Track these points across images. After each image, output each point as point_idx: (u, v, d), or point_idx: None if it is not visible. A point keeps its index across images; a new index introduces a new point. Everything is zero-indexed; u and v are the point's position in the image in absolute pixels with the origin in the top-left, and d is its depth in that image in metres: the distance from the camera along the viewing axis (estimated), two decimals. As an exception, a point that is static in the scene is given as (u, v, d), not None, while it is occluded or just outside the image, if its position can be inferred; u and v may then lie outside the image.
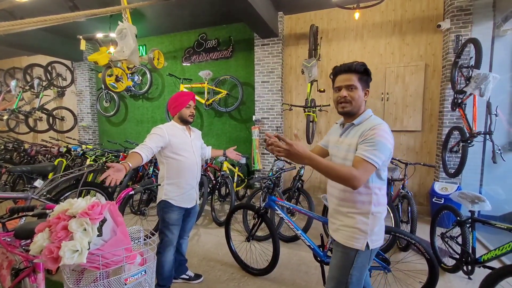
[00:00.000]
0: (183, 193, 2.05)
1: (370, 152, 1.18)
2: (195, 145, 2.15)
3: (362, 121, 1.32)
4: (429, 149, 4.10)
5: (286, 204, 2.38)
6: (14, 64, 7.31)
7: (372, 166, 1.18)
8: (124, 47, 3.34)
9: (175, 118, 2.10)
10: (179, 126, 2.09)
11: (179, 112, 2.06)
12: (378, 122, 1.27)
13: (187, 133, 2.11)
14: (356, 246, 1.30)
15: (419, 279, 2.07)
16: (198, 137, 2.25)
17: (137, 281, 1.06)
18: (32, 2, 3.53)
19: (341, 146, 1.37)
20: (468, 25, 3.54)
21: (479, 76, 2.98)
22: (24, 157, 5.47)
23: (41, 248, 0.93)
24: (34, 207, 1.35)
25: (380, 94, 4.23)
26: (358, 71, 1.30)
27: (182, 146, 2.03)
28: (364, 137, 1.23)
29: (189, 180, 2.07)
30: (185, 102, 2.05)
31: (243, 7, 3.39)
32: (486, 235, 3.05)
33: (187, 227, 2.23)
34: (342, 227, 1.35)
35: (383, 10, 4.17)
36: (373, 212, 1.29)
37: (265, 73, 4.76)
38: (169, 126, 2.03)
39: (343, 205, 1.34)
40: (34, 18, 2.39)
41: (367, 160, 1.17)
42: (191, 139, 2.12)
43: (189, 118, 2.08)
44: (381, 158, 1.19)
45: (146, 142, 1.87)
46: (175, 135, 2.01)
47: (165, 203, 2.01)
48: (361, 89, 1.31)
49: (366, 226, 1.29)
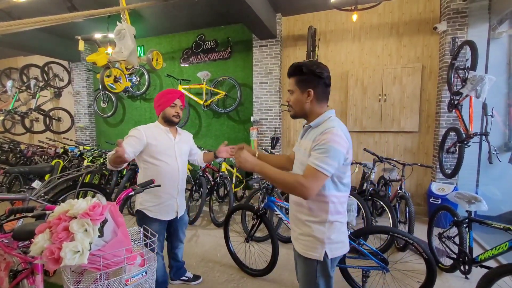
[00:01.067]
0: (160, 203, 1.85)
1: (321, 160, 1.11)
2: (179, 150, 1.92)
3: (318, 124, 1.24)
4: (426, 150, 4.14)
5: (285, 204, 2.39)
6: (10, 64, 7.25)
7: (323, 175, 1.11)
8: (123, 47, 3.33)
9: (159, 118, 1.92)
10: (162, 127, 1.89)
11: (163, 111, 1.86)
12: (331, 125, 1.17)
13: (171, 136, 1.91)
14: (314, 256, 1.23)
15: (417, 279, 2.09)
16: (185, 140, 2.03)
17: (138, 282, 1.06)
18: (29, 2, 3.51)
19: (300, 149, 1.31)
20: (464, 27, 3.59)
21: (475, 77, 3.02)
22: (20, 158, 5.42)
23: (41, 249, 0.93)
24: (33, 208, 1.34)
25: (377, 95, 4.27)
26: (294, 74, 1.25)
27: (162, 150, 1.83)
28: (316, 142, 1.16)
29: (168, 188, 1.85)
30: (171, 100, 1.85)
31: (242, 9, 3.40)
32: (483, 235, 3.09)
33: (178, 238, 2.11)
34: (301, 236, 1.29)
35: (380, 12, 4.20)
36: (330, 220, 1.22)
37: (264, 74, 4.77)
38: (149, 127, 1.85)
39: (300, 211, 1.28)
40: (32, 19, 2.38)
41: (317, 168, 1.11)
42: (174, 143, 1.91)
43: (173, 118, 1.87)
44: (333, 165, 1.12)
45: None
46: (155, 137, 1.82)
47: (141, 213, 1.85)
48: (299, 92, 1.24)
49: (322, 235, 1.22)
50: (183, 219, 2.07)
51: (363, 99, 4.37)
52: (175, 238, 2.11)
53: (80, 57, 6.24)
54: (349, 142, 1.19)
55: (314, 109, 1.26)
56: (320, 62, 1.26)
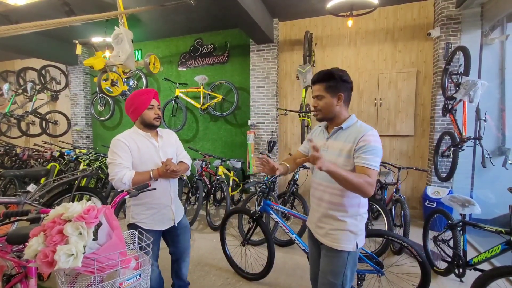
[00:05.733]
0: (154, 214, 1.70)
1: (372, 160, 1.25)
2: (164, 155, 1.73)
3: (349, 126, 1.38)
4: (421, 154, 4.18)
5: (281, 208, 2.40)
6: (7, 67, 7.23)
7: (376, 172, 1.27)
8: (120, 51, 3.36)
9: (137, 123, 1.73)
10: (143, 133, 1.71)
11: (140, 115, 1.68)
12: (368, 127, 1.34)
13: (154, 141, 1.73)
14: (347, 248, 1.34)
15: (412, 282, 2.10)
16: (169, 143, 1.82)
17: (132, 285, 1.06)
18: (27, 6, 3.53)
19: (329, 150, 1.40)
20: (457, 33, 3.66)
21: (468, 82, 3.07)
22: (16, 161, 5.38)
23: (35, 253, 0.93)
24: (28, 212, 1.34)
25: (373, 99, 4.31)
26: (323, 80, 1.36)
27: (146, 158, 1.66)
28: (359, 144, 1.28)
29: (159, 199, 1.70)
30: (146, 102, 1.66)
31: (239, 14, 3.44)
32: (477, 238, 3.11)
33: (180, 248, 1.88)
34: (333, 231, 1.37)
35: (375, 18, 4.27)
36: (360, 213, 1.38)
37: (261, 78, 4.81)
38: (129, 136, 1.67)
39: (335, 209, 1.37)
40: (30, 23, 2.39)
41: (371, 168, 1.25)
42: (158, 148, 1.73)
43: (154, 121, 1.71)
44: (379, 161, 1.29)
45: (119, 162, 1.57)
46: (137, 146, 1.65)
47: (134, 227, 1.65)
48: (329, 97, 1.36)
49: (356, 228, 1.36)
50: (182, 224, 1.87)
51: (359, 103, 4.41)
52: (178, 247, 1.88)
53: (78, 60, 6.24)
54: None
55: (342, 112, 1.40)
56: (343, 70, 1.39)
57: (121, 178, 1.54)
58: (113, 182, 1.57)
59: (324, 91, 1.36)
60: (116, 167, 1.57)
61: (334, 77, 1.34)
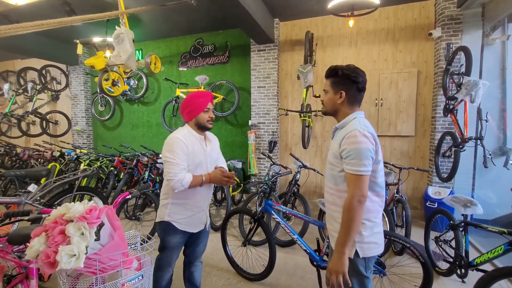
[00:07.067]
0: (190, 216, 1.72)
1: (354, 164, 1.18)
2: (210, 160, 1.76)
3: (343, 125, 1.33)
4: (423, 154, 4.17)
5: (282, 208, 2.39)
6: (8, 67, 7.23)
7: (364, 177, 1.18)
8: (121, 51, 3.35)
9: (191, 124, 1.72)
10: (197, 135, 1.71)
11: (196, 117, 1.69)
12: (351, 128, 1.24)
13: (204, 145, 1.74)
14: None
15: (414, 282, 2.09)
16: (215, 148, 1.85)
17: (134, 286, 1.05)
18: (28, 6, 3.52)
19: (330, 150, 1.40)
20: (458, 33, 3.65)
21: (470, 82, 3.06)
22: (16, 161, 5.38)
23: (37, 253, 0.92)
24: (29, 212, 1.33)
25: (374, 100, 4.31)
26: (330, 75, 1.36)
27: (197, 163, 1.68)
28: (342, 148, 1.24)
29: (199, 202, 1.74)
30: (203, 105, 1.69)
31: (240, 14, 3.44)
32: (479, 239, 3.10)
33: (198, 251, 1.89)
34: (334, 233, 1.34)
35: (376, 18, 4.27)
36: None
37: (261, 79, 4.80)
38: (188, 137, 1.66)
39: (335, 210, 1.34)
40: (30, 22, 2.38)
41: (356, 174, 1.18)
42: (206, 153, 1.74)
43: (208, 124, 1.72)
44: (368, 163, 1.19)
45: (178, 162, 1.56)
46: (193, 148, 1.66)
47: (167, 224, 1.68)
48: (332, 92, 1.34)
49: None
50: (204, 231, 1.86)
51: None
52: (196, 250, 1.88)
53: (78, 60, 6.24)
54: (375, 141, 1.23)
55: (343, 110, 1.34)
56: (357, 68, 1.32)
57: (182, 180, 1.55)
58: (171, 183, 1.56)
59: (329, 86, 1.36)
60: (176, 168, 1.56)
61: (338, 74, 1.31)
